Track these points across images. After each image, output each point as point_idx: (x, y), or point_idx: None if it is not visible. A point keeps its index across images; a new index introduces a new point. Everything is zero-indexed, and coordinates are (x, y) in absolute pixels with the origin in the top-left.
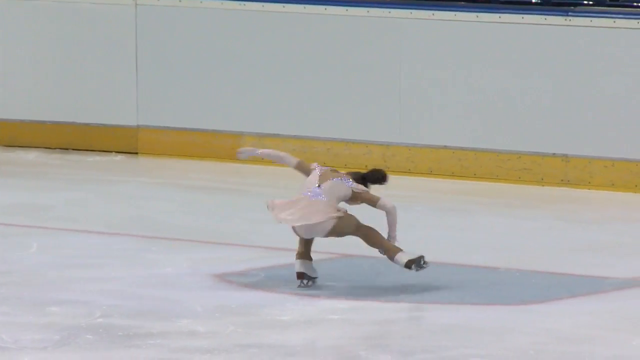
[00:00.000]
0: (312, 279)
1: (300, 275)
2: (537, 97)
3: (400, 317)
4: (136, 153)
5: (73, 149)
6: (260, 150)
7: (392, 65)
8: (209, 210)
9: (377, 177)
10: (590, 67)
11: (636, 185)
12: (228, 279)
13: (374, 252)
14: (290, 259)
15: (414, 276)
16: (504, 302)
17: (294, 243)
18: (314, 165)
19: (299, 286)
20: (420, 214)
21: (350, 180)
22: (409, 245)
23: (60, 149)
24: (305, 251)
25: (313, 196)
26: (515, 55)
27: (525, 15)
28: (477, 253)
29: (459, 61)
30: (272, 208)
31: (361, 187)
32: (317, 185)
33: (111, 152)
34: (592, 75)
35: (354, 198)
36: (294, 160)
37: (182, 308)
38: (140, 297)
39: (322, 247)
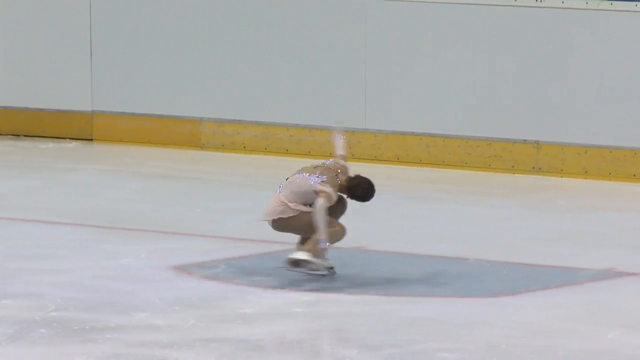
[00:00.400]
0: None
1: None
2: (508, 81)
3: (367, 310)
4: (91, 139)
5: (25, 136)
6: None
7: (357, 49)
8: (168, 199)
9: (358, 193)
10: (562, 50)
11: (610, 173)
12: (188, 271)
13: (341, 242)
14: (251, 250)
15: (380, 267)
16: (474, 294)
17: (256, 234)
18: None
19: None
20: (387, 203)
21: (318, 177)
22: (375, 235)
23: (12, 135)
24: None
25: (277, 189)
26: (485, 38)
27: None
28: (445, 243)
29: (427, 44)
30: None
31: (325, 188)
32: (286, 177)
33: (65, 138)
34: (564, 59)
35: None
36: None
37: (140, 301)
38: (96, 290)
39: (286, 237)
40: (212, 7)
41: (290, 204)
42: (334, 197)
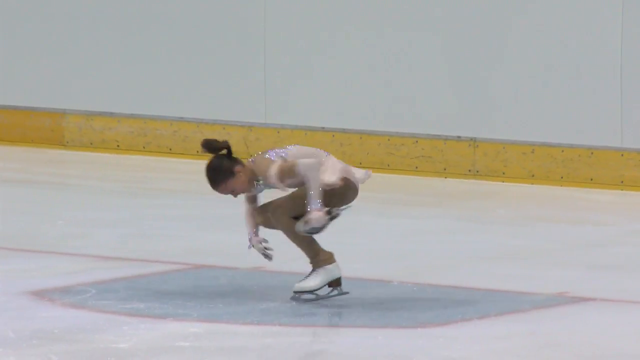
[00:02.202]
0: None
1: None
2: (438, 69)
3: (267, 343)
4: None
5: None
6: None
7: (256, 35)
8: (22, 210)
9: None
10: (501, 34)
11: (561, 177)
12: (49, 297)
13: (235, 262)
14: (126, 271)
15: (280, 292)
16: (398, 324)
17: (130, 251)
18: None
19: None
20: None
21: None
22: (276, 254)
23: None
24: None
25: None
26: (411, 21)
27: None
28: (362, 263)
29: (342, 28)
30: None
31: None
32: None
33: None
34: (503, 43)
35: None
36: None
37: None
38: None
39: (171, 256)
40: None
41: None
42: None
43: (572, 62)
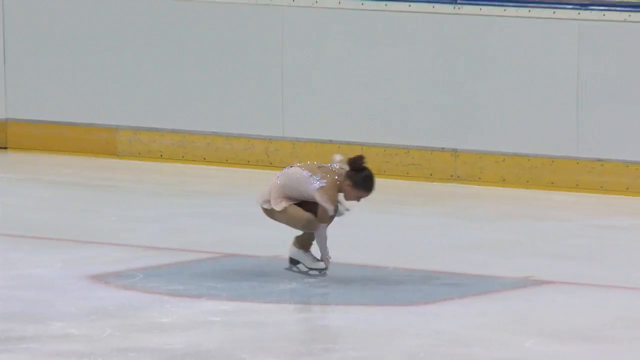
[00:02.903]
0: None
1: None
2: (425, 88)
3: (285, 319)
4: (5, 148)
5: None
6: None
7: (275, 56)
8: (82, 208)
9: (358, 179)
10: (479, 58)
11: (527, 181)
12: (104, 280)
13: (258, 251)
14: (167, 259)
15: (298, 276)
16: (392, 302)
17: (171, 242)
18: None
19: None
20: None
21: (318, 182)
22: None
23: None
24: (298, 238)
25: (277, 173)
26: (403, 45)
27: (412, 3)
28: (363, 251)
29: (344, 52)
30: None
31: (325, 199)
32: (291, 165)
33: None
34: (481, 66)
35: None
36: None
37: (55, 310)
38: (10, 299)
39: (204, 246)
40: (128, 13)
41: (273, 200)
42: (331, 213)
43: (536, 87)
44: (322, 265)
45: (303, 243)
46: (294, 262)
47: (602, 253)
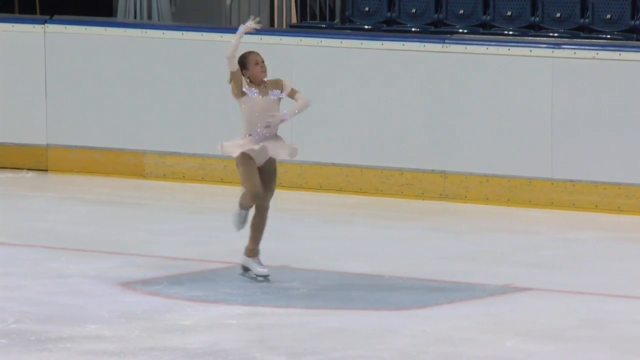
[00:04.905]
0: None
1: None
2: (417, 117)
3: (292, 322)
4: (46, 170)
5: None
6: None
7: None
8: (113, 223)
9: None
10: (466, 90)
11: (508, 200)
12: (132, 287)
13: (268, 260)
14: (189, 269)
15: (303, 284)
16: (387, 307)
17: (191, 253)
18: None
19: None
20: (310, 226)
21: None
22: (299, 255)
23: None
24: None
25: None
26: (397, 80)
27: (405, 43)
28: (362, 261)
29: (346, 84)
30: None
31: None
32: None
33: (22, 169)
34: (467, 98)
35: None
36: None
37: (89, 314)
38: (49, 304)
39: (220, 256)
40: (154, 50)
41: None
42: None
43: (515, 116)
44: (265, 271)
45: (248, 252)
46: (245, 268)
47: (572, 263)
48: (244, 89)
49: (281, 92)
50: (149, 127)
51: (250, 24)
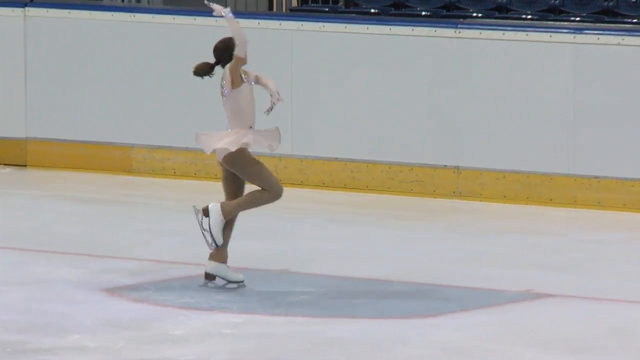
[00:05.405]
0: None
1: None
2: (428, 108)
3: (291, 331)
4: (25, 165)
5: None
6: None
7: (284, 76)
8: (98, 223)
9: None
10: (480, 79)
11: (527, 197)
12: (118, 293)
13: (267, 264)
14: (180, 272)
15: (304, 289)
16: (395, 315)
17: (183, 256)
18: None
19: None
20: (312, 226)
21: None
22: (300, 258)
23: None
24: (212, 253)
25: None
26: (406, 67)
27: (415, 27)
28: (368, 265)
29: (351, 72)
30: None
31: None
32: None
33: None
34: (481, 87)
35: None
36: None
37: (71, 323)
38: (28, 312)
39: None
40: (143, 37)
41: None
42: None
43: (535, 106)
44: (241, 277)
45: (220, 258)
46: (210, 277)
47: (598, 267)
48: (243, 77)
49: (249, 79)
50: (137, 118)
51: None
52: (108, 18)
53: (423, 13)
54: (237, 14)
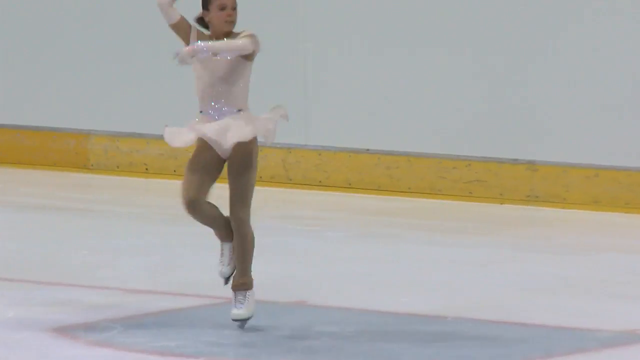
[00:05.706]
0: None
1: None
2: (490, 87)
3: None
4: None
5: None
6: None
7: (296, 54)
8: (43, 238)
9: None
10: (557, 48)
11: (627, 203)
12: (71, 334)
13: (274, 295)
14: (154, 305)
15: (326, 328)
16: None
17: (158, 283)
18: None
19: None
20: (334, 242)
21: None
22: (321, 286)
23: None
24: None
25: None
26: (459, 35)
27: None
28: (410, 295)
29: (382, 42)
30: None
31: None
32: None
33: None
34: (559, 59)
35: None
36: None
37: None
38: None
39: (202, 288)
40: (99, 12)
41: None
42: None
43: (634, 83)
44: (242, 314)
45: (242, 285)
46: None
47: None
48: (192, 43)
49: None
50: (96, 99)
51: None
52: None
53: None
54: None
